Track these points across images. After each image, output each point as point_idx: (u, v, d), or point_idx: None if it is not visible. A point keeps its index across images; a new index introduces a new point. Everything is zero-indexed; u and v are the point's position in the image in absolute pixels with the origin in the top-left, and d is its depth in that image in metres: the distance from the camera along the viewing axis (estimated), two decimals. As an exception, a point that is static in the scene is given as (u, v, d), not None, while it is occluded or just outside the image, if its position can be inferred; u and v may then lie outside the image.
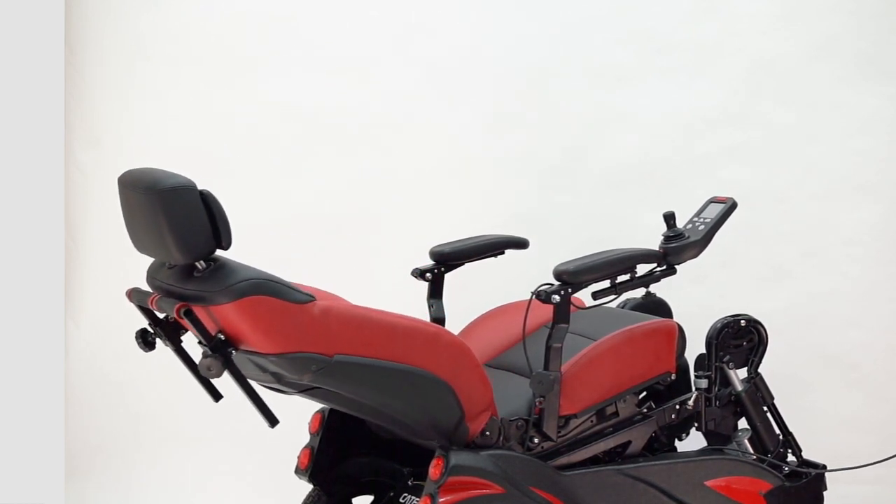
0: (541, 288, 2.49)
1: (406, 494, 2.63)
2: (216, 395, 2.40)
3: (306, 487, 2.67)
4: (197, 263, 2.20)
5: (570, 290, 2.50)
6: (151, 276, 2.35)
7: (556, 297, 2.47)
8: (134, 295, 2.36)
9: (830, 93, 3.74)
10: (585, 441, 2.65)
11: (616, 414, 2.71)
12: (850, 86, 3.72)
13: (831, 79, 3.74)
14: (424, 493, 2.35)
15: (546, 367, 2.49)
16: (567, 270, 2.51)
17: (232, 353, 2.22)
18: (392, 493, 2.68)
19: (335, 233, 3.91)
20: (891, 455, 3.01)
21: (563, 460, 2.59)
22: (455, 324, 2.96)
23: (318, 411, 2.65)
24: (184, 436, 3.93)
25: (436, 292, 2.92)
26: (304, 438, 2.66)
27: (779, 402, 2.97)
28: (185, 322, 2.19)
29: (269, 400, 2.38)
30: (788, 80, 3.76)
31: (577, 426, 2.62)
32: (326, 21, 3.91)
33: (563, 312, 2.48)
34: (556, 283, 2.51)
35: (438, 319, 2.90)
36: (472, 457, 2.39)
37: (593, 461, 2.67)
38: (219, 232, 2.19)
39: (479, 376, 2.42)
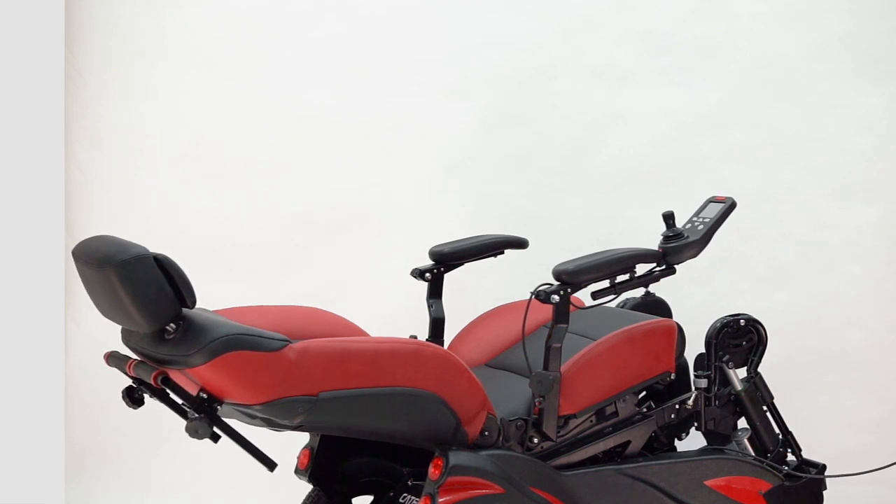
0: (540, 288, 2.49)
1: (406, 494, 2.63)
2: (215, 439, 2.39)
3: (306, 487, 2.67)
4: (166, 327, 2.18)
5: (569, 290, 2.50)
6: (126, 338, 2.35)
7: (556, 297, 2.47)
8: (111, 360, 2.36)
9: (830, 93, 3.74)
10: (585, 441, 2.65)
11: (616, 414, 2.71)
12: (850, 86, 3.73)
13: (831, 79, 3.74)
14: (424, 493, 2.35)
15: (545, 367, 2.49)
16: (566, 270, 2.51)
17: (217, 409, 2.22)
18: (392, 494, 2.68)
19: (335, 233, 3.91)
20: (891, 463, 3.01)
21: (563, 460, 2.59)
22: (454, 324, 2.96)
23: (317, 411, 2.65)
24: (183, 436, 3.91)
25: (435, 292, 2.92)
26: (304, 438, 2.66)
27: (778, 402, 2.97)
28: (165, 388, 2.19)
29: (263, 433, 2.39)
30: (788, 80, 3.76)
31: (576, 426, 2.62)
32: (326, 21, 3.91)
33: (562, 312, 2.48)
34: (556, 282, 2.51)
35: (438, 319, 2.91)
36: (471, 457, 2.39)
37: (593, 461, 2.66)
38: (181, 293, 2.17)
39: (466, 380, 2.41)
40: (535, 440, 2.53)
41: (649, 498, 2.66)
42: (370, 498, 2.74)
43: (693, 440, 2.91)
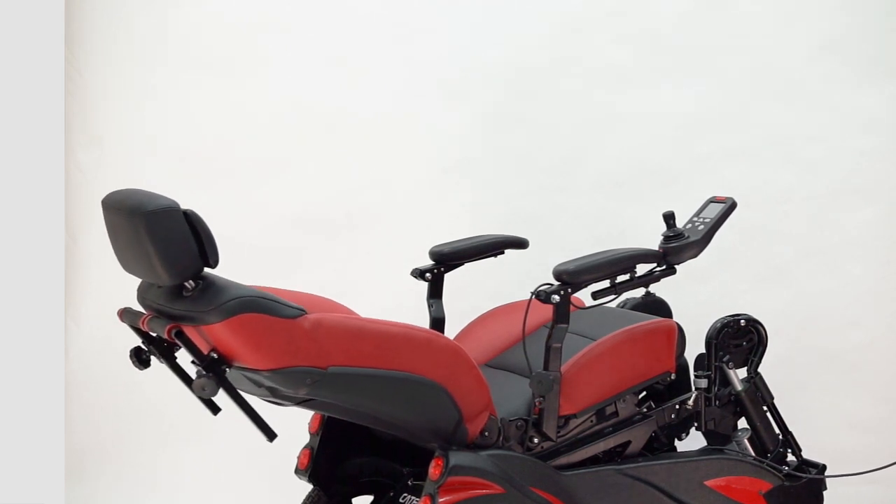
0: (540, 288, 2.49)
1: (406, 494, 2.63)
2: (214, 410, 2.39)
3: (306, 487, 2.67)
4: (185, 283, 2.19)
5: (569, 290, 2.50)
6: (142, 294, 2.35)
7: (556, 297, 2.47)
8: (125, 315, 2.35)
9: (830, 93, 3.74)
10: (585, 441, 2.65)
11: (616, 414, 2.71)
12: (850, 86, 3.73)
13: (831, 79, 3.74)
14: (424, 493, 2.35)
15: (546, 367, 2.49)
16: (567, 270, 2.51)
17: (226, 371, 2.22)
18: (392, 494, 2.68)
19: (335, 233, 3.91)
20: (890, 463, 3.01)
21: (563, 460, 2.59)
22: (455, 324, 2.96)
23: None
24: (184, 436, 3.93)
25: (435, 292, 2.92)
26: (304, 438, 2.66)
27: (778, 402, 2.97)
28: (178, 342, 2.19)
29: (265, 409, 2.38)
30: (788, 80, 3.76)
31: (576, 426, 2.62)
32: (326, 21, 3.91)
33: (562, 312, 2.48)
34: (556, 282, 2.51)
35: (438, 319, 2.91)
36: (471, 457, 2.39)
37: (593, 461, 2.67)
38: (205, 251, 2.17)
39: (474, 377, 2.42)
40: (536, 440, 2.53)
41: (649, 498, 2.66)
42: (370, 498, 2.74)
43: (693, 440, 2.91)
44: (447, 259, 2.93)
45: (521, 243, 3.07)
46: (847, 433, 3.70)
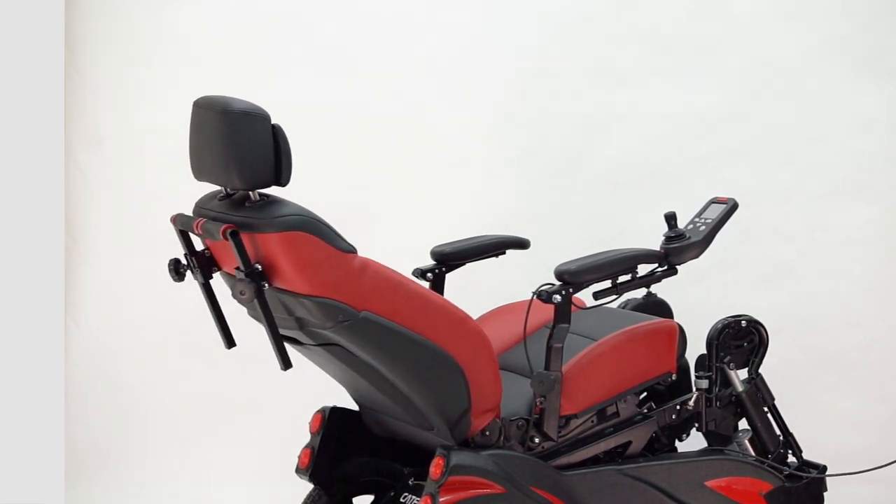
0: (542, 288, 2.49)
1: (406, 494, 2.63)
2: (230, 341, 2.40)
3: (306, 487, 2.67)
4: (251, 193, 2.22)
5: (571, 290, 2.50)
6: (200, 207, 2.36)
7: (558, 297, 2.47)
8: (178, 219, 2.36)
9: (830, 93, 3.74)
10: (586, 441, 2.65)
11: (617, 414, 2.71)
12: (850, 86, 3.73)
13: (831, 79, 3.74)
14: (425, 493, 2.35)
15: (547, 367, 2.49)
16: (568, 270, 2.51)
17: (264, 287, 2.22)
18: (392, 493, 2.68)
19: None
20: (890, 462, 3.01)
21: (564, 460, 2.59)
22: (455, 324, 2.95)
23: (318, 411, 2.65)
24: (184, 436, 3.93)
25: (437, 292, 2.92)
26: (305, 438, 2.66)
27: (778, 402, 2.98)
28: (230, 243, 2.18)
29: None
30: (788, 80, 3.77)
31: (577, 426, 2.62)
32: (326, 21, 3.91)
33: (564, 312, 2.49)
34: (558, 283, 2.52)
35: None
36: (472, 456, 2.39)
37: (594, 461, 2.67)
38: (281, 167, 2.20)
39: (493, 373, 2.43)
40: (537, 440, 2.54)
41: (650, 498, 2.66)
42: (370, 497, 2.74)
43: (694, 441, 2.91)
44: (448, 259, 2.93)
45: (522, 243, 3.07)
46: (847, 433, 3.70)
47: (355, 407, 2.69)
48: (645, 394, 2.85)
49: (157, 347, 3.99)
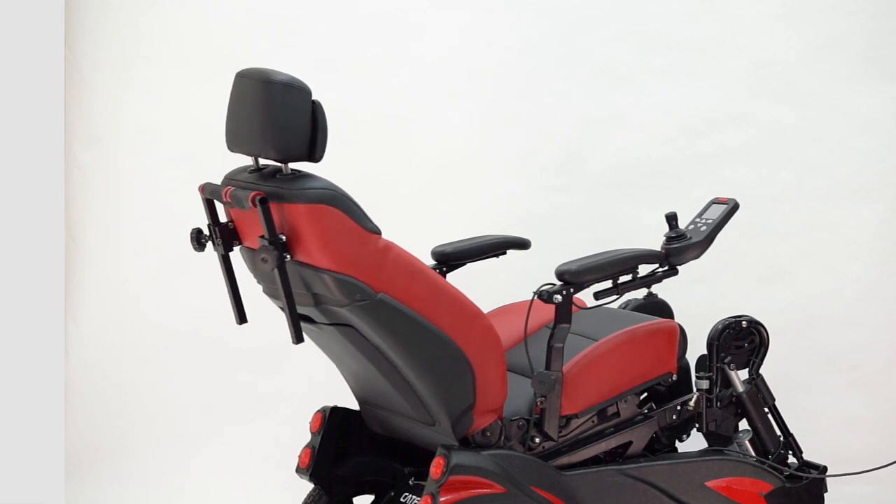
0: (543, 288, 2.49)
1: (407, 494, 2.63)
2: (242, 317, 2.40)
3: (307, 487, 2.67)
4: (283, 167, 2.25)
5: (572, 291, 2.50)
6: (230, 177, 2.38)
7: (558, 297, 2.47)
8: (206, 188, 2.38)
9: (830, 93, 3.74)
10: (586, 441, 2.65)
11: (617, 414, 2.71)
12: (850, 86, 3.73)
13: (831, 79, 3.74)
14: (425, 493, 2.35)
15: (547, 367, 2.49)
16: (569, 270, 2.52)
17: (286, 258, 2.24)
18: (393, 493, 2.68)
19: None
20: (890, 462, 3.01)
21: (564, 460, 2.59)
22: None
23: (319, 411, 2.65)
24: (184, 436, 3.93)
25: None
26: (305, 438, 2.66)
27: (779, 403, 2.98)
28: (258, 210, 2.19)
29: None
30: (788, 80, 3.77)
31: (578, 426, 2.62)
32: (326, 21, 3.91)
33: (564, 312, 2.49)
34: (558, 283, 2.52)
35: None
36: (473, 456, 2.39)
37: (594, 461, 2.67)
38: (316, 143, 2.22)
39: (501, 373, 2.43)
40: (537, 440, 2.54)
41: (650, 498, 2.66)
42: (371, 497, 2.74)
43: (694, 441, 2.91)
44: (449, 259, 2.93)
45: (522, 244, 3.07)
46: (848, 434, 3.70)
47: (356, 407, 2.69)
48: (645, 394, 2.85)
49: (157, 347, 3.99)
